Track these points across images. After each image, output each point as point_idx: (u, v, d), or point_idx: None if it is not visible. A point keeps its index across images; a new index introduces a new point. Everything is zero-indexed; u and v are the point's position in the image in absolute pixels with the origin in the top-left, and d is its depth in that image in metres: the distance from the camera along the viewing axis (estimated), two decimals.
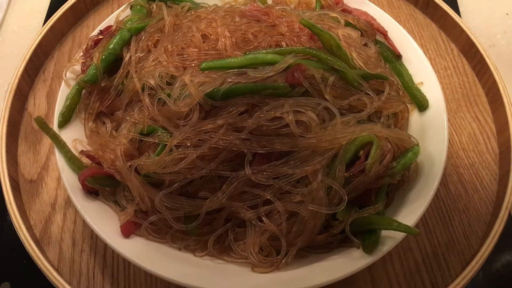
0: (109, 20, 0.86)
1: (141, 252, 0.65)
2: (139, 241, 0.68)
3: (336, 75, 0.69)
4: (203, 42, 0.75)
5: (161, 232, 0.69)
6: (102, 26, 0.86)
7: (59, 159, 0.72)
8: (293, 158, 0.64)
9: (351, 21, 0.83)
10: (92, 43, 0.82)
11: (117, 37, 0.78)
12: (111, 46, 0.77)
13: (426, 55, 0.83)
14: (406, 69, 0.82)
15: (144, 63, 0.74)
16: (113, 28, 0.83)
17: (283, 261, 0.65)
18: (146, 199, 0.67)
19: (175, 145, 0.65)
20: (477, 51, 0.95)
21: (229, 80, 0.66)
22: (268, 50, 0.71)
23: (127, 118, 0.72)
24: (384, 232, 0.65)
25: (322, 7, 0.88)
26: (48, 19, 0.99)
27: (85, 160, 0.73)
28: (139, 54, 0.77)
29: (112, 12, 0.95)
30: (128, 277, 0.73)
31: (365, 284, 0.73)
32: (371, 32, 0.84)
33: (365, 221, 0.65)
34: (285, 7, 0.84)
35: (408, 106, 0.78)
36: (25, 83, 0.93)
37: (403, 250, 0.76)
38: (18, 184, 0.82)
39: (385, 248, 0.63)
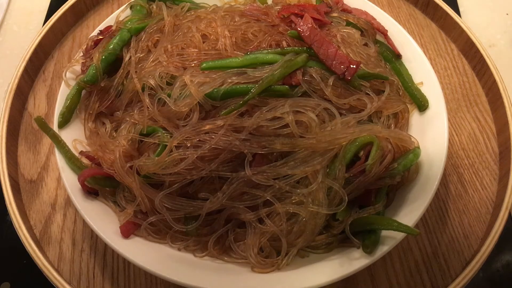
0: (109, 20, 0.86)
1: (141, 252, 0.65)
2: (139, 242, 0.68)
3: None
4: (203, 42, 0.75)
5: (160, 232, 0.69)
6: (102, 26, 0.86)
7: (59, 159, 0.72)
8: (293, 159, 0.64)
9: (351, 20, 0.83)
10: (92, 44, 0.82)
11: (117, 38, 0.78)
12: (111, 46, 0.77)
13: (426, 55, 0.83)
14: (406, 69, 0.82)
15: (144, 64, 0.74)
16: (113, 28, 0.83)
17: (284, 261, 0.65)
18: (146, 200, 0.67)
19: (175, 145, 0.65)
20: (477, 51, 0.95)
21: (229, 80, 0.66)
22: (269, 50, 0.71)
23: (127, 118, 0.72)
24: (384, 232, 0.65)
25: None
26: (48, 19, 0.99)
27: (85, 160, 0.73)
28: (139, 54, 0.77)
29: (112, 12, 0.94)
30: (128, 277, 0.74)
31: (365, 284, 0.73)
32: (371, 31, 0.84)
33: (365, 221, 0.65)
34: None
35: (408, 106, 0.78)
36: (25, 83, 0.93)
37: (403, 250, 0.76)
38: (18, 184, 0.82)
39: (385, 248, 0.63)
